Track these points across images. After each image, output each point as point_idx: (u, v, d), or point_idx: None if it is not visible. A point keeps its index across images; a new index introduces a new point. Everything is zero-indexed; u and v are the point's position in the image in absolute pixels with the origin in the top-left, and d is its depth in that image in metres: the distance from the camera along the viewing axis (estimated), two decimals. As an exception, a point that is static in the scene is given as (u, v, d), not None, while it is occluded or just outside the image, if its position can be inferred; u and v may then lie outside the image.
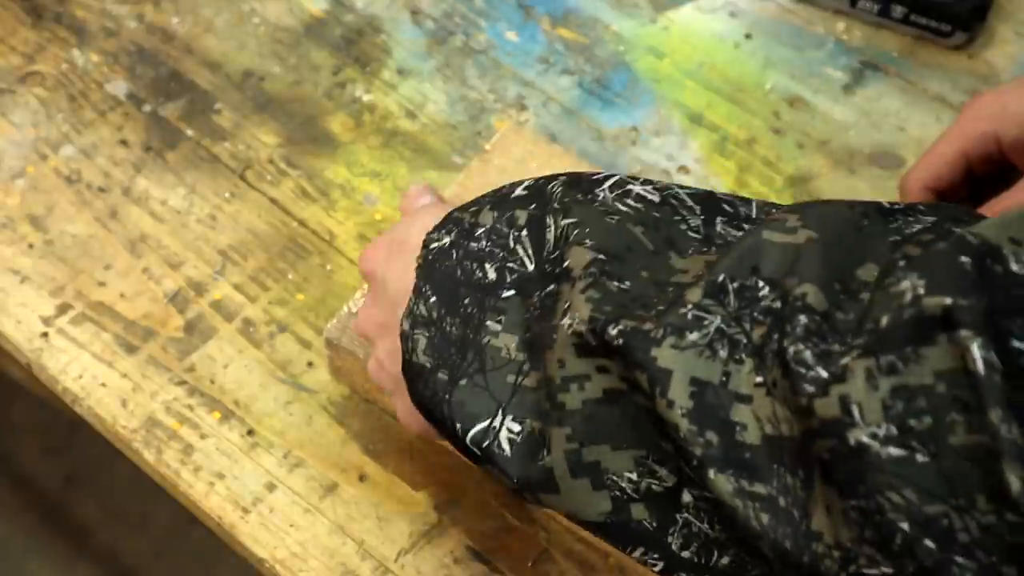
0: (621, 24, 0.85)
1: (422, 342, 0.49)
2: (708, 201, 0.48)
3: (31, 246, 0.74)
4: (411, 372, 0.49)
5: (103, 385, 0.69)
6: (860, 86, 0.83)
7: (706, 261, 0.45)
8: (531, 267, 0.48)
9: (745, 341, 0.42)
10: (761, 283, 0.42)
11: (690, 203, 0.47)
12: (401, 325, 0.50)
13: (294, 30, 0.84)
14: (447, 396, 0.48)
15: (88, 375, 0.69)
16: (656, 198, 0.47)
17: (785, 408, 0.40)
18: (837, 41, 0.85)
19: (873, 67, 0.84)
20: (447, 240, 0.50)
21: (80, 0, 0.85)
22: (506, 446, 0.46)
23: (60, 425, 1.39)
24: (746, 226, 0.47)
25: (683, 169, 0.79)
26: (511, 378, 0.47)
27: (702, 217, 0.47)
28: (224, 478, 0.66)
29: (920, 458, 0.37)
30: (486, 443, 0.47)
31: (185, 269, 0.74)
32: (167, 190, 0.77)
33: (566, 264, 0.46)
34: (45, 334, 0.71)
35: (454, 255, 0.50)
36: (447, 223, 0.51)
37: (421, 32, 0.85)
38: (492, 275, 0.48)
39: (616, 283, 0.45)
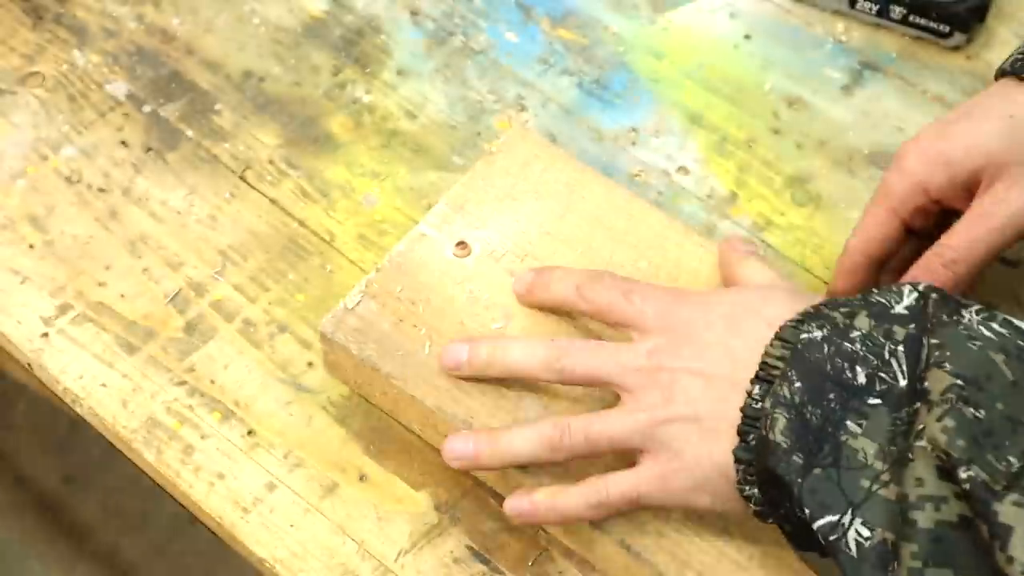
0: (620, 25, 0.85)
1: (781, 422, 0.52)
2: None
3: (31, 246, 0.74)
4: (766, 446, 0.52)
5: (103, 385, 0.69)
6: (859, 87, 0.83)
7: None
8: (903, 383, 0.50)
9: None
10: None
11: None
12: (758, 399, 0.53)
13: (294, 30, 0.84)
14: (799, 480, 0.51)
15: (88, 375, 0.70)
16: (1022, 325, 0.50)
17: None
18: (836, 42, 0.85)
19: (872, 68, 0.84)
20: (818, 334, 0.53)
21: (80, 1, 0.85)
22: (853, 547, 0.50)
23: (60, 425, 1.40)
24: None
25: (682, 170, 0.79)
26: (865, 483, 0.50)
27: None
28: (224, 478, 0.66)
29: None
30: (833, 537, 0.50)
31: (185, 269, 0.74)
32: (167, 191, 0.77)
33: (925, 384, 0.49)
34: (45, 334, 0.71)
35: (825, 349, 0.52)
36: (817, 316, 0.54)
37: (421, 32, 0.85)
38: (862, 379, 0.51)
39: (972, 410, 0.47)
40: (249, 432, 0.68)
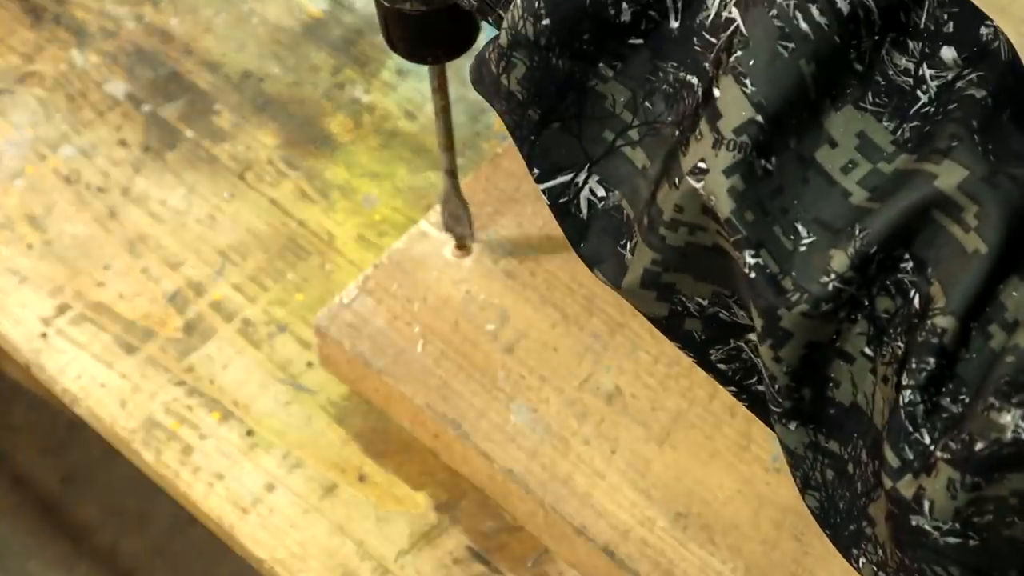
0: (620, 24, 0.85)
1: (520, 68, 0.42)
2: (889, 11, 0.40)
3: (30, 246, 0.74)
4: (498, 91, 0.43)
5: (102, 385, 0.69)
6: (859, 86, 0.83)
7: (862, 203, 0.39)
8: (674, 23, 0.41)
9: (866, 303, 0.38)
10: (907, 256, 0.38)
11: (875, 14, 0.40)
12: (497, 37, 0.43)
13: (293, 31, 0.84)
14: (532, 137, 0.43)
15: (87, 375, 0.70)
16: (845, 8, 0.39)
17: (884, 404, 0.38)
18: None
19: (872, 67, 0.84)
20: None
21: (79, 0, 0.85)
22: (584, 207, 0.43)
23: (59, 425, 1.39)
24: (914, 47, 0.41)
25: (682, 169, 0.79)
26: (609, 135, 0.42)
27: (875, 38, 0.40)
28: (223, 478, 0.66)
29: (972, 543, 0.37)
30: (563, 199, 0.43)
31: (184, 269, 0.74)
32: (166, 190, 0.77)
33: (715, 95, 0.39)
34: (44, 334, 0.71)
35: None
36: None
37: (420, 32, 0.85)
38: (626, 17, 0.41)
39: (763, 162, 0.39)
40: (248, 432, 0.68)
